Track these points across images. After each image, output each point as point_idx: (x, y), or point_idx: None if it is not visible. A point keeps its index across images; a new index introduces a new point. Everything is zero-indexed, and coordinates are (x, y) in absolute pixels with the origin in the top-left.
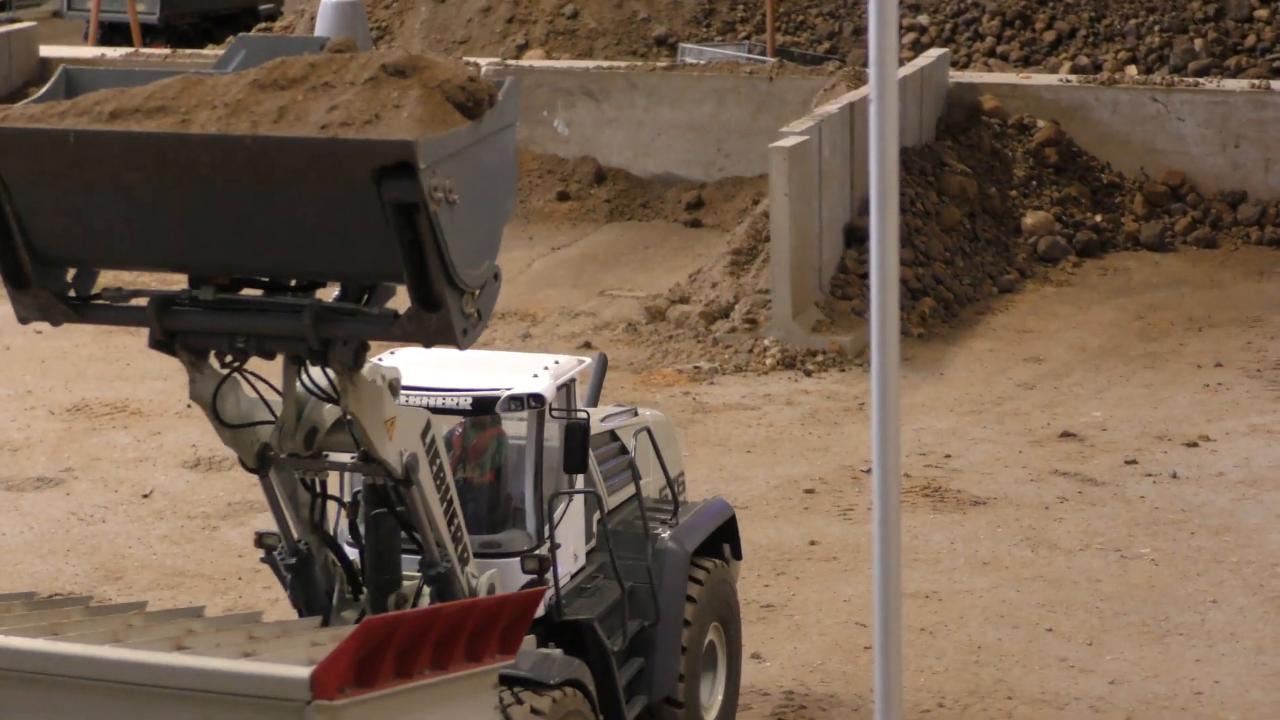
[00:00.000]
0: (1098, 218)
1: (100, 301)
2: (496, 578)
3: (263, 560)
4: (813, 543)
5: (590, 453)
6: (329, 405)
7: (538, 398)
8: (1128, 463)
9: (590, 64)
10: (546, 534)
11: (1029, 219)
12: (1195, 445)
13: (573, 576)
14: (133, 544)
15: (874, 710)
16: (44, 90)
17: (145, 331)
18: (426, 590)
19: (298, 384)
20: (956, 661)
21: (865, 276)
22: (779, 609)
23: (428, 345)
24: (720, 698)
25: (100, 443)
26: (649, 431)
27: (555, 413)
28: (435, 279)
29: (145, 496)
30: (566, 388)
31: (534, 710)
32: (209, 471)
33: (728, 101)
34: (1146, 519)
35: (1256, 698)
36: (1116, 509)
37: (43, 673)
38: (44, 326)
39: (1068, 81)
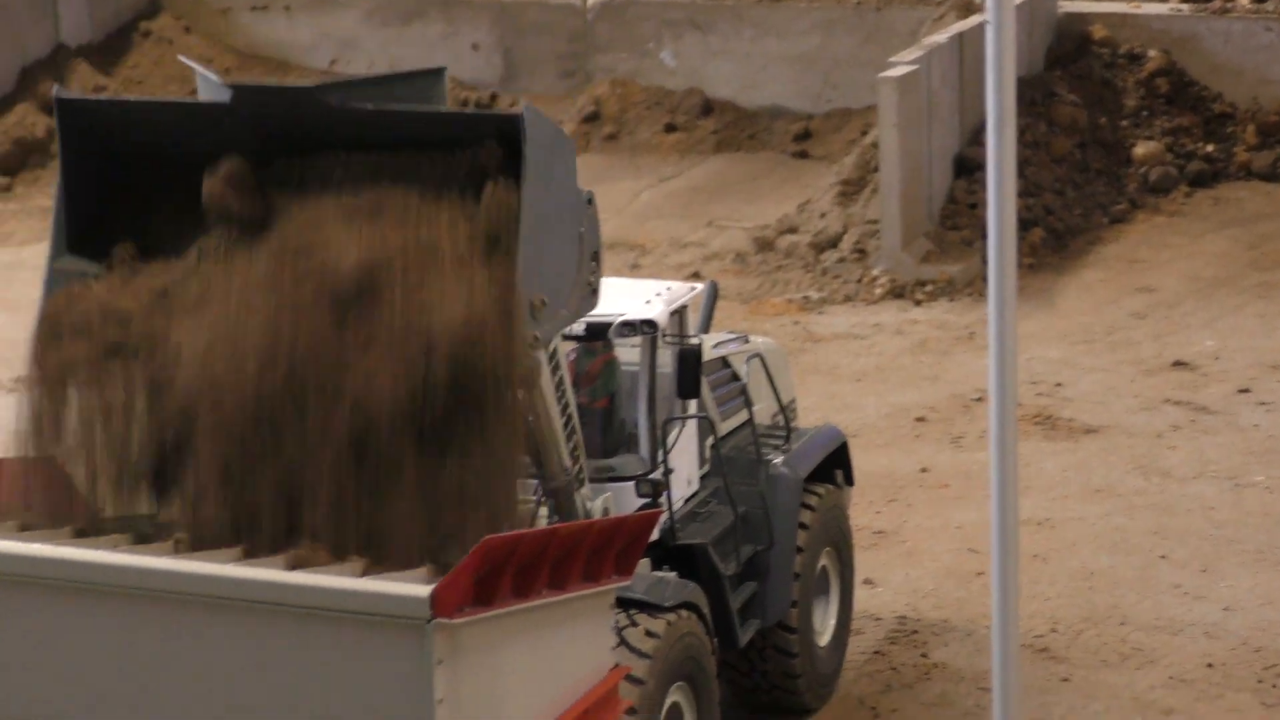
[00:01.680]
0: (1209, 148)
1: None
2: (610, 501)
3: None
4: (924, 470)
5: (703, 379)
6: None
7: (650, 323)
8: (1240, 391)
9: None
10: (660, 459)
11: (1140, 149)
12: None
13: (686, 501)
14: None
15: (988, 635)
16: None
17: None
18: (543, 511)
19: None
20: (1069, 588)
21: (974, 207)
22: (891, 535)
23: None
24: (832, 623)
25: None
26: (761, 358)
27: (668, 338)
28: None
29: None
30: (679, 313)
31: (649, 633)
32: None
33: (835, 32)
34: (1260, 447)
35: None
36: (1230, 437)
37: (166, 590)
38: None
39: (1179, 11)
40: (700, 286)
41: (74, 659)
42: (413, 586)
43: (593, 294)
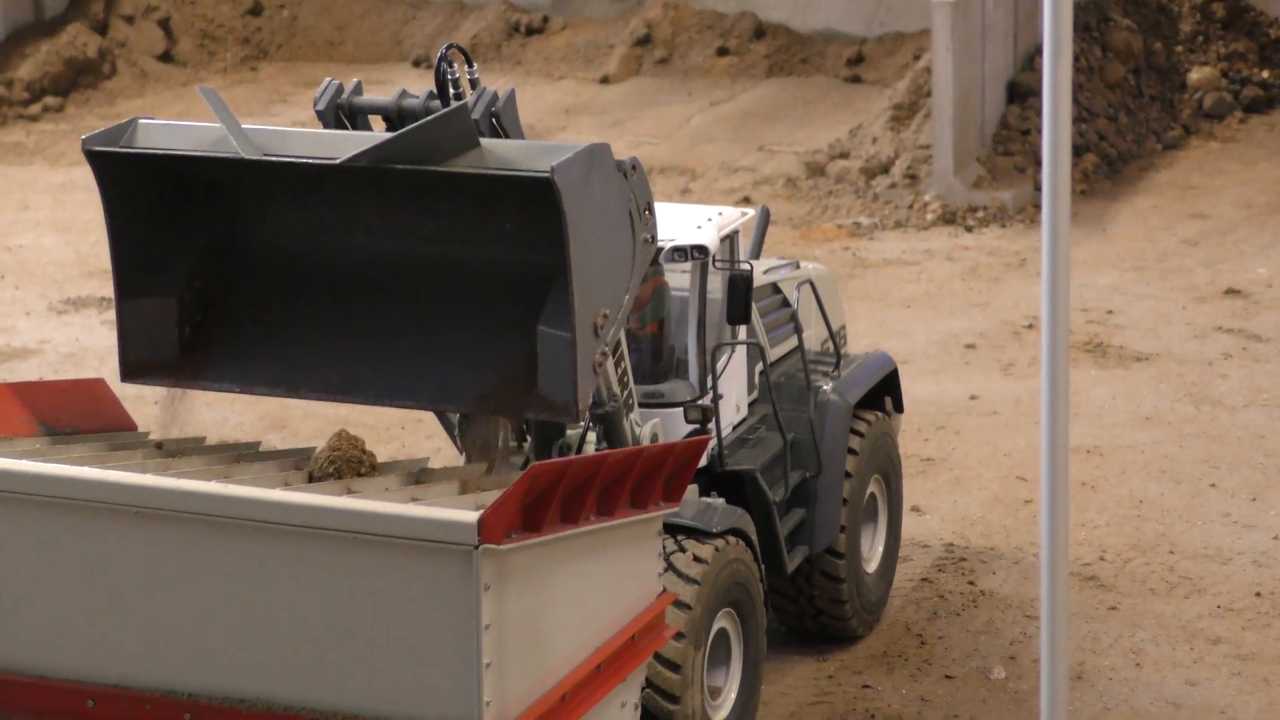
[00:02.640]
0: (1265, 74)
1: None
2: (659, 427)
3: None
4: (973, 397)
5: (753, 305)
6: None
7: (701, 249)
8: None
9: None
10: (709, 385)
11: (1194, 75)
12: None
13: (734, 427)
14: None
15: (1036, 563)
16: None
17: None
18: (590, 437)
19: None
20: (1118, 516)
21: (1027, 133)
22: (939, 463)
23: None
24: (880, 549)
25: None
26: (811, 284)
27: (718, 264)
28: None
29: None
30: (730, 239)
31: (697, 558)
32: None
33: None
34: None
35: None
36: (1278, 365)
37: (213, 515)
38: None
39: None
40: (751, 212)
41: (125, 584)
42: (461, 512)
43: (651, 242)
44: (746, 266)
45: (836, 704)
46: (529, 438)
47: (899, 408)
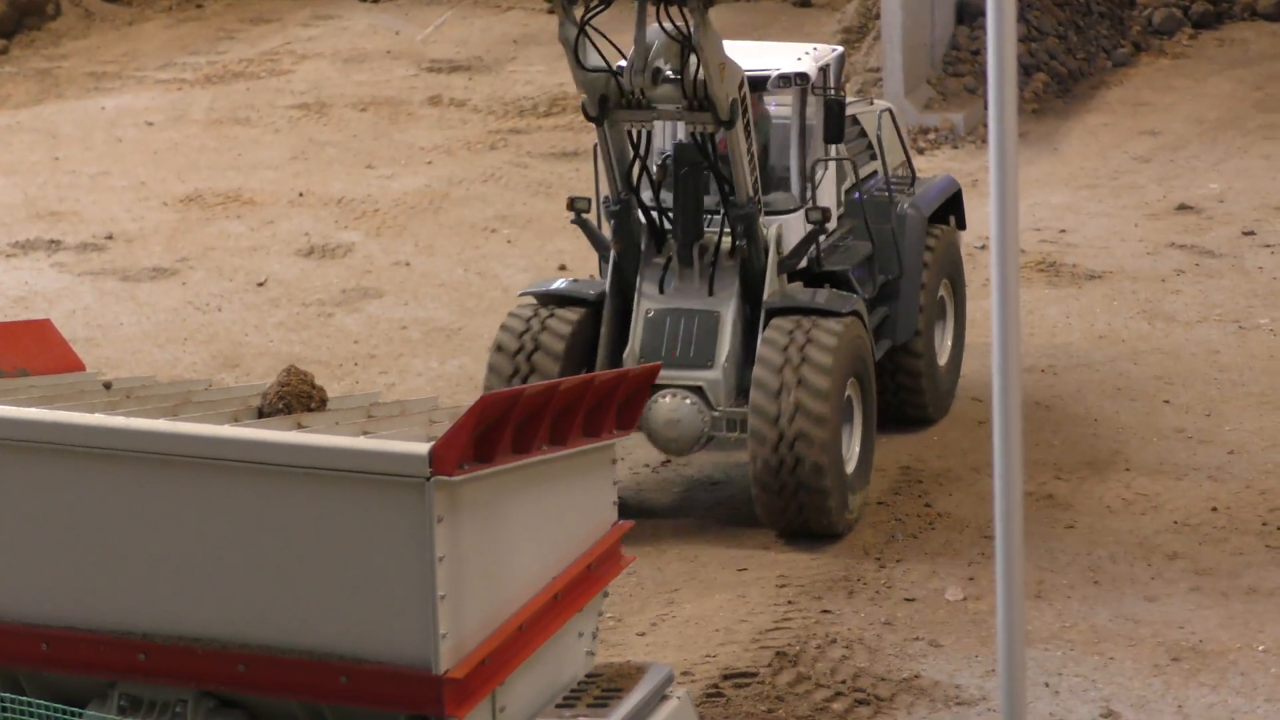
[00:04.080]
0: None
1: None
2: (781, 229)
3: (572, 222)
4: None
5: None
6: (672, 49)
7: (803, 76)
8: (1245, 234)
9: None
10: (808, 195)
11: None
12: None
13: (827, 236)
14: (249, 331)
15: (992, 484)
16: None
17: (257, 120)
18: (727, 238)
19: (650, 27)
20: (1073, 434)
21: (977, 54)
22: None
23: None
24: (949, 343)
25: (214, 232)
26: (891, 113)
27: (816, 90)
28: None
29: (260, 284)
30: (824, 70)
31: (831, 333)
32: (323, 259)
33: None
34: (1265, 289)
35: None
36: (1234, 280)
37: (162, 453)
38: (156, 116)
39: None
40: (840, 49)
41: (76, 524)
42: (412, 444)
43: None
44: (841, 93)
45: (797, 629)
46: (670, 238)
47: (961, 224)
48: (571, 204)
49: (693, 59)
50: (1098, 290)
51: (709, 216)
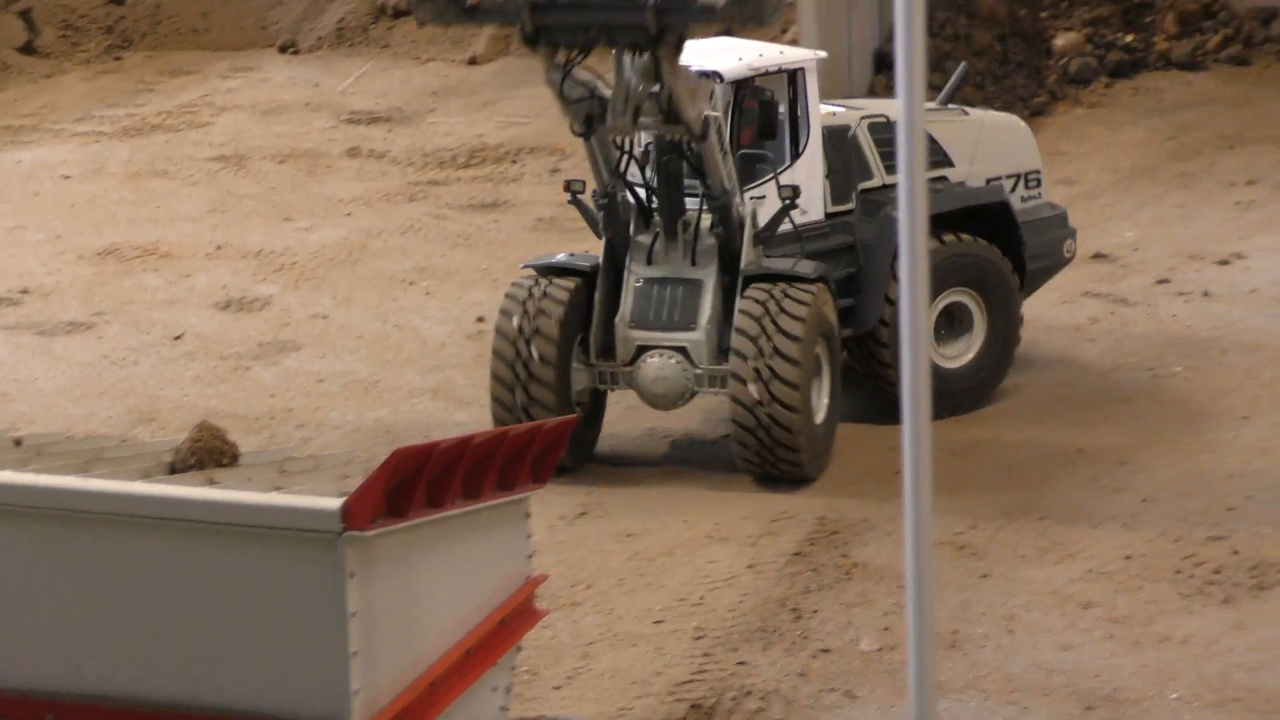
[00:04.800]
0: (1129, 38)
1: (480, 7)
2: (758, 205)
3: (569, 202)
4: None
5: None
6: (647, 82)
7: (717, 75)
8: (1160, 282)
9: None
10: (732, 185)
11: (1060, 40)
12: (1227, 263)
13: (811, 225)
14: (165, 386)
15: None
16: None
17: (175, 173)
18: (707, 216)
19: (627, 69)
20: (989, 483)
21: None
22: None
23: (742, 25)
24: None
25: (131, 286)
26: (872, 127)
27: (745, 89)
28: None
29: (177, 338)
30: (778, 72)
31: (801, 300)
32: (240, 312)
33: None
34: (1179, 338)
35: None
36: (1149, 328)
37: (74, 510)
38: (73, 169)
39: None
40: (823, 54)
41: None
42: (324, 499)
43: None
44: (768, 94)
45: (712, 681)
46: (656, 216)
47: (1007, 249)
48: (568, 186)
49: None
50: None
51: (689, 196)
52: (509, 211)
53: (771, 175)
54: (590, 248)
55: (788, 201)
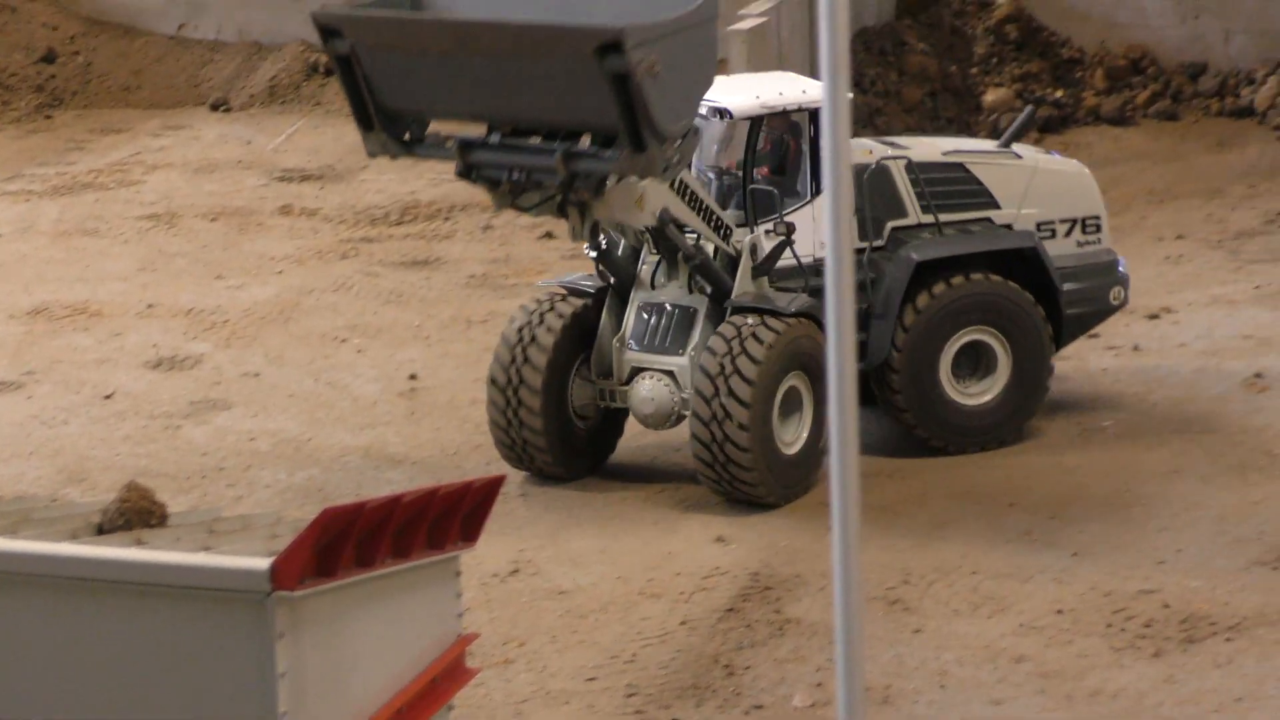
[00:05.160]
0: (1058, 93)
1: (423, 142)
2: (758, 240)
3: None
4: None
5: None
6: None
7: (725, 111)
8: (1090, 336)
9: None
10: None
11: (990, 96)
12: (1157, 317)
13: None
14: (96, 445)
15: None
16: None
17: (106, 231)
18: (710, 246)
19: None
20: (921, 538)
21: None
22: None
23: (641, 177)
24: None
25: (61, 345)
26: (891, 170)
27: (761, 125)
28: (642, 130)
29: (107, 397)
30: (794, 111)
31: (770, 329)
32: (171, 371)
33: None
34: (1109, 391)
35: (1220, 565)
36: (1079, 382)
37: (1, 571)
38: (3, 227)
39: None
40: (811, 91)
41: None
42: (252, 560)
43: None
44: (779, 132)
45: None
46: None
47: (1040, 292)
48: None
49: None
50: None
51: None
52: (441, 269)
53: (781, 212)
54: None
55: (783, 238)
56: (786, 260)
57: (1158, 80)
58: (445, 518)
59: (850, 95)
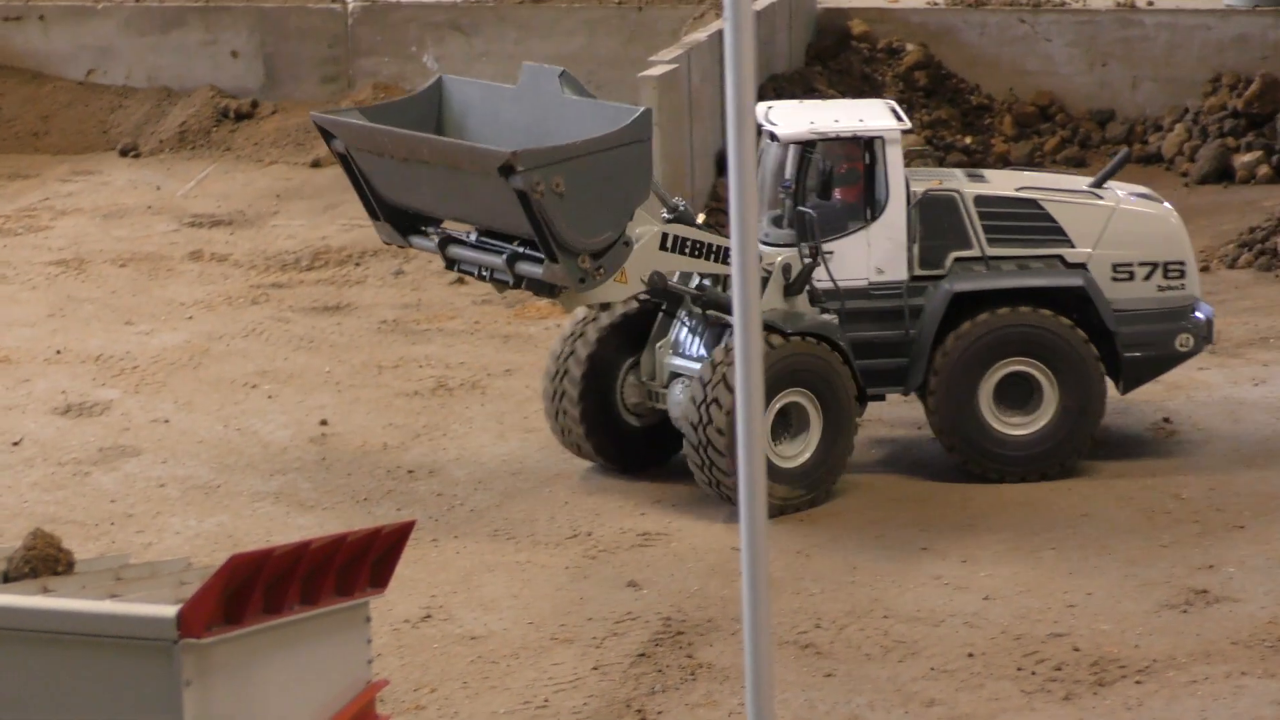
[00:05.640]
0: (968, 139)
1: (416, 235)
2: (790, 260)
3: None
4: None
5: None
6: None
7: (774, 135)
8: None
9: None
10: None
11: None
12: None
13: (878, 285)
14: (3, 492)
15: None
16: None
17: (14, 277)
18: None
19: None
20: (833, 582)
21: None
22: (656, 537)
23: (558, 285)
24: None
25: None
26: (943, 202)
27: (809, 150)
28: (548, 242)
29: (15, 444)
30: (841, 139)
31: (768, 344)
32: (79, 417)
33: (598, 32)
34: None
35: (1129, 608)
36: None
37: None
38: None
39: (936, 4)
40: (906, 125)
41: None
42: (159, 607)
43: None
44: (824, 159)
45: None
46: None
47: (1093, 329)
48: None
49: None
50: (862, 434)
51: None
52: (352, 314)
53: (817, 237)
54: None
55: (808, 261)
56: (844, 281)
57: (1066, 127)
58: (354, 564)
59: (908, 126)
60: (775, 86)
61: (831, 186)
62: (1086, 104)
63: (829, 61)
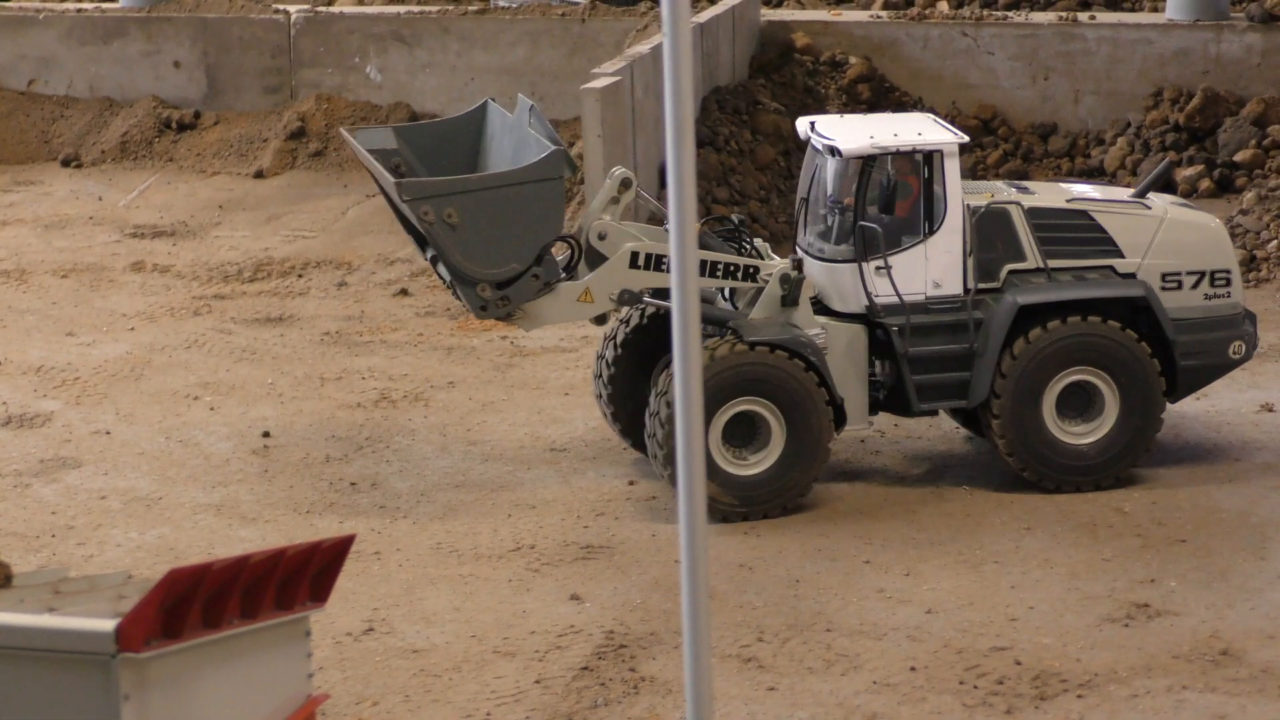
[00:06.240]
0: None
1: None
2: (788, 270)
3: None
4: (631, 483)
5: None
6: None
7: (835, 150)
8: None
9: (402, 9)
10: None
11: None
12: None
13: (936, 299)
14: None
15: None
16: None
17: None
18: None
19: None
20: (775, 595)
21: None
22: (599, 550)
23: (505, 321)
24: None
25: None
26: (1005, 214)
27: (869, 166)
28: (452, 269)
29: None
30: (899, 153)
31: (722, 349)
32: (20, 429)
33: (541, 44)
34: (962, 449)
35: (1070, 622)
36: (932, 442)
37: None
38: None
39: (879, 18)
40: (955, 138)
41: None
42: (97, 621)
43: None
44: (886, 173)
45: None
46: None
47: (1153, 340)
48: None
49: None
50: None
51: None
52: (295, 326)
53: (884, 250)
54: None
55: (795, 274)
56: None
57: (1009, 140)
58: (294, 578)
59: (965, 140)
60: (719, 99)
61: (894, 200)
62: (1029, 117)
63: (772, 74)
